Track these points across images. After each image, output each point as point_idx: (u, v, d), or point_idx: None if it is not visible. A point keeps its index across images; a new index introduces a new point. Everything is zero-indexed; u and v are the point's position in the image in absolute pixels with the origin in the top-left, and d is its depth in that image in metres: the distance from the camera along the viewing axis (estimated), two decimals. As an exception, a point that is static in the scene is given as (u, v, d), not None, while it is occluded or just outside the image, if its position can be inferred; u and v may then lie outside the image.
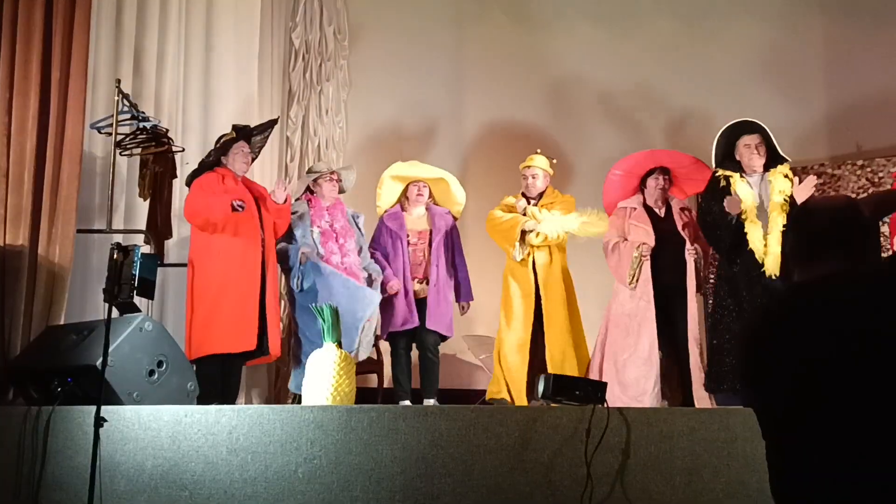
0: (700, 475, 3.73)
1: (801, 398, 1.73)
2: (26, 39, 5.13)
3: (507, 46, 7.83)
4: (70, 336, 4.60)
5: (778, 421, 1.78)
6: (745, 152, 5.11)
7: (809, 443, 1.72)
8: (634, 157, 5.59)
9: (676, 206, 5.49)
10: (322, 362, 4.49)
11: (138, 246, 4.15)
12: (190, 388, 4.62)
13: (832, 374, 1.70)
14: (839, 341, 1.70)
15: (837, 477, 1.68)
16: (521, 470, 3.81)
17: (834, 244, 1.86)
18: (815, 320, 1.76)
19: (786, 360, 1.77)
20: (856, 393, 1.68)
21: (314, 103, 7.79)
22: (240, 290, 5.11)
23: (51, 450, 4.15)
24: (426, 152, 7.61)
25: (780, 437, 1.79)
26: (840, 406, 1.68)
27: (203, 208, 5.13)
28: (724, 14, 7.63)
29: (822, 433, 1.70)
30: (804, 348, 1.74)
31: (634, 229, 5.38)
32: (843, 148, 7.18)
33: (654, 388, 5.15)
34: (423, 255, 5.73)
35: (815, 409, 1.71)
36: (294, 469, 3.92)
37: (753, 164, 5.09)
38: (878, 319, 1.69)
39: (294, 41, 7.80)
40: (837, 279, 1.80)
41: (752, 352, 1.86)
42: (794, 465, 1.74)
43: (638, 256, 5.27)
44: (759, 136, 5.11)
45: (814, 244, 1.89)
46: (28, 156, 5.05)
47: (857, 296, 1.75)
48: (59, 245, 5.07)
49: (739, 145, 5.14)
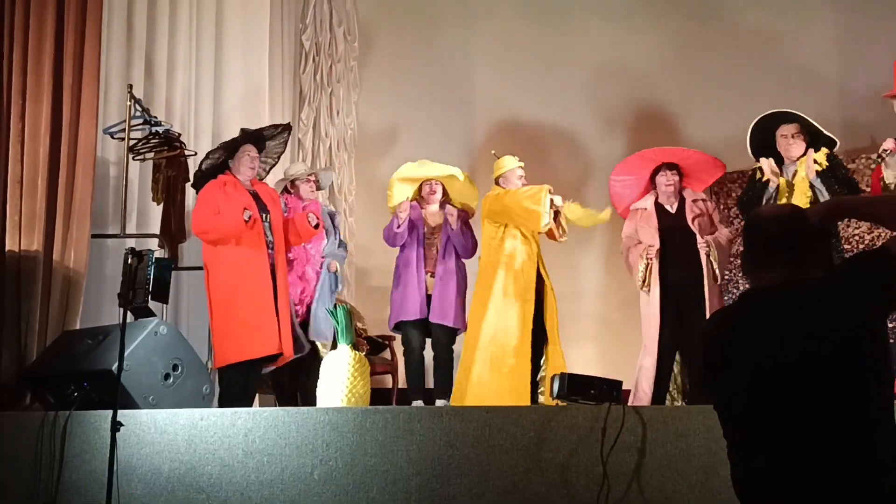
0: (717, 473, 3.70)
1: (749, 399, 1.82)
2: (38, 46, 5.16)
3: (517, 44, 7.82)
4: (85, 341, 4.63)
5: (732, 419, 1.88)
6: (783, 142, 5.08)
7: (757, 441, 1.80)
8: (631, 161, 5.56)
9: (689, 198, 5.43)
10: (336, 364, 4.50)
11: (152, 250, 4.16)
12: (205, 390, 4.64)
13: (776, 377, 1.78)
14: (782, 346, 1.76)
15: (782, 473, 1.76)
16: (538, 470, 3.80)
17: (780, 250, 1.91)
18: (761, 326, 1.84)
19: (735, 363, 1.86)
20: (798, 395, 1.76)
21: (325, 105, 7.82)
22: (252, 295, 5.05)
23: (68, 455, 4.17)
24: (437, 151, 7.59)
25: (733, 435, 1.88)
26: (783, 407, 1.77)
27: (213, 227, 5.07)
28: (736, 9, 7.60)
29: (768, 432, 1.78)
30: (751, 352, 1.83)
31: (642, 231, 5.35)
32: (858, 141, 7.13)
33: (650, 390, 5.13)
34: (435, 250, 5.73)
35: (761, 411, 1.80)
36: (310, 471, 3.93)
37: (791, 153, 5.05)
38: (818, 324, 1.77)
39: (304, 43, 7.82)
40: (784, 286, 1.87)
41: (707, 355, 1.96)
42: (746, 461, 1.83)
43: (644, 261, 5.25)
44: (796, 125, 5.08)
45: (761, 251, 1.94)
46: (42, 162, 5.08)
47: (801, 302, 1.82)
48: (74, 250, 5.10)
49: (778, 136, 5.10)
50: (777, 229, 1.93)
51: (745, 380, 1.83)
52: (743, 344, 1.85)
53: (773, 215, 2.03)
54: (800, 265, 1.89)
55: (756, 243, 1.95)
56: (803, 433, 1.74)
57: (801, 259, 1.90)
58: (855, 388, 1.73)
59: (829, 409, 1.73)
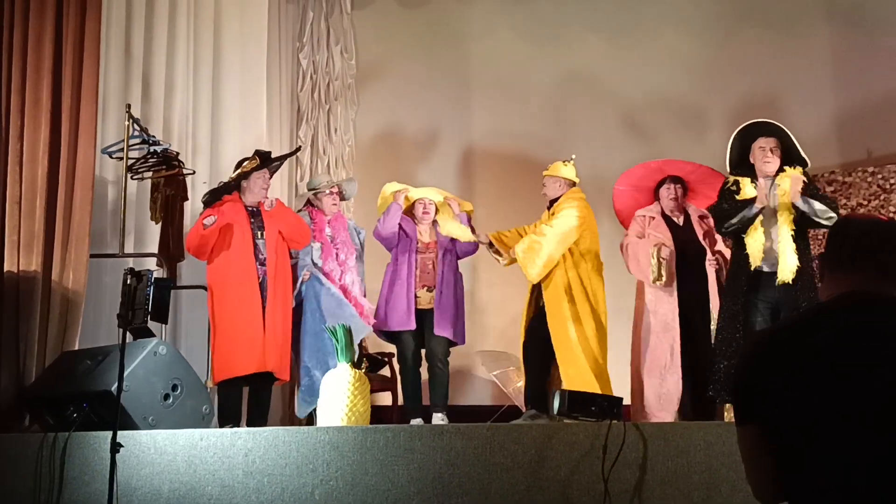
0: (718, 490, 3.70)
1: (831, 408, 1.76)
2: (36, 66, 5.17)
3: (513, 62, 7.85)
4: (85, 361, 4.62)
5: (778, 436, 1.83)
6: (759, 155, 4.81)
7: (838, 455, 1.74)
8: (636, 171, 5.55)
9: (695, 215, 5.40)
10: (336, 383, 4.49)
11: (151, 271, 4.16)
12: (205, 410, 4.63)
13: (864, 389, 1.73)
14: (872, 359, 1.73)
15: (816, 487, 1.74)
16: (538, 488, 3.79)
17: (866, 258, 1.87)
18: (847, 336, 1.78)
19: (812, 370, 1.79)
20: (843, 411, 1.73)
21: (322, 122, 7.85)
22: (237, 312, 5.11)
23: (67, 476, 4.15)
24: (434, 168, 7.64)
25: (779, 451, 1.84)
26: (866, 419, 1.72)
27: (187, 239, 5.32)
28: (731, 24, 7.64)
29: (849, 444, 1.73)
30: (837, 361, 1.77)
31: (653, 236, 5.33)
32: (854, 155, 7.16)
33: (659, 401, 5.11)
34: (431, 264, 5.73)
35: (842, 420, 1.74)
36: (310, 491, 3.91)
37: (766, 168, 4.79)
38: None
39: (302, 61, 7.86)
40: (868, 296, 1.83)
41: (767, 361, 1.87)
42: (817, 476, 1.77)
43: (656, 255, 5.15)
44: (775, 139, 4.83)
45: (848, 256, 1.89)
46: (40, 182, 5.08)
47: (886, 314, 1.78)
48: (73, 270, 5.09)
49: (754, 148, 4.85)
50: (866, 234, 1.89)
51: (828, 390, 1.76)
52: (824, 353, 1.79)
53: (864, 221, 1.98)
54: (883, 273, 1.86)
55: (842, 248, 1.90)
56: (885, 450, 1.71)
57: (885, 267, 1.86)
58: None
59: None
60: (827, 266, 1.93)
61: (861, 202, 6.93)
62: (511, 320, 6.48)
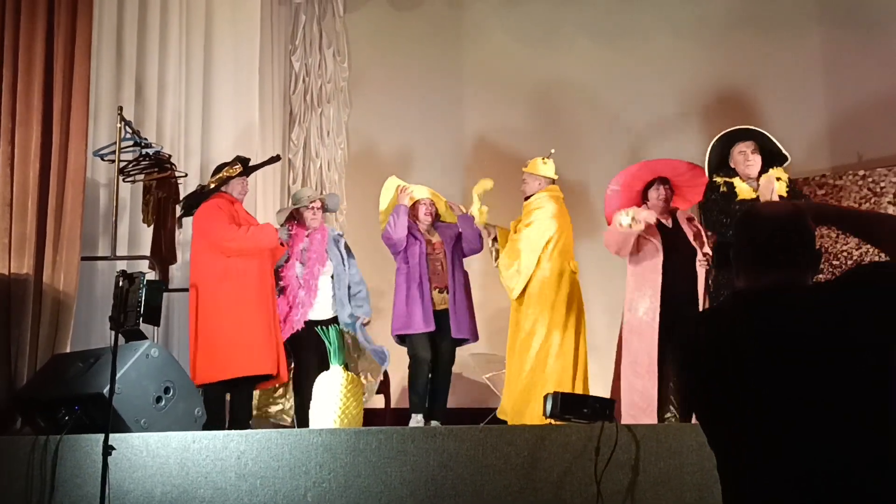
0: (710, 491, 3.70)
1: (733, 399, 1.78)
2: (28, 69, 5.16)
3: (507, 64, 7.86)
4: (76, 364, 4.60)
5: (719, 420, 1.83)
6: (740, 159, 4.99)
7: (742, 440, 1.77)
8: (631, 171, 5.58)
9: (682, 217, 5.47)
10: (329, 385, 4.49)
11: (144, 273, 4.16)
12: (197, 413, 4.61)
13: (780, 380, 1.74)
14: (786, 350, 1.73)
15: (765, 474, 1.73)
16: (531, 489, 3.80)
17: (778, 251, 1.86)
18: (761, 328, 1.78)
19: (731, 365, 1.80)
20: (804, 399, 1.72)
21: (315, 125, 7.84)
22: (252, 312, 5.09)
23: (59, 479, 4.14)
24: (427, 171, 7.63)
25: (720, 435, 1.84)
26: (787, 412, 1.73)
27: (241, 237, 5.14)
28: (722, 27, 7.66)
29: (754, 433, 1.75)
30: (752, 356, 1.77)
31: (645, 242, 5.35)
32: (845, 158, 7.18)
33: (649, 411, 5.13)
34: (440, 265, 5.73)
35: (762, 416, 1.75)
36: (303, 493, 3.91)
37: (749, 171, 4.95)
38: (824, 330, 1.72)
39: (294, 64, 7.86)
40: (782, 288, 1.82)
41: (694, 357, 1.90)
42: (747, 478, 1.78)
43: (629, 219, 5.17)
44: (753, 142, 5.01)
45: (758, 250, 1.88)
46: (31, 184, 5.07)
47: (804, 305, 1.78)
48: (64, 273, 5.08)
49: (734, 153, 5.02)
50: (778, 229, 1.86)
51: (744, 383, 1.76)
52: (741, 346, 1.79)
53: (773, 214, 1.94)
54: (795, 267, 1.85)
55: (753, 242, 1.88)
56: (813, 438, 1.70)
57: (797, 260, 1.85)
58: (865, 395, 1.68)
59: (840, 414, 1.68)
60: (741, 260, 1.91)
61: (851, 205, 6.95)
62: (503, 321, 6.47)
